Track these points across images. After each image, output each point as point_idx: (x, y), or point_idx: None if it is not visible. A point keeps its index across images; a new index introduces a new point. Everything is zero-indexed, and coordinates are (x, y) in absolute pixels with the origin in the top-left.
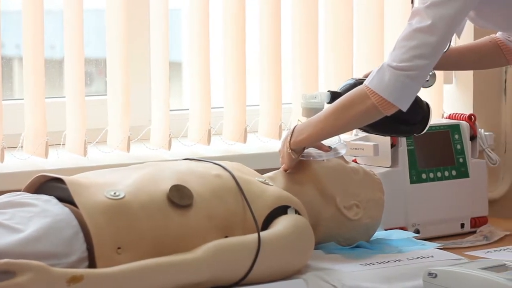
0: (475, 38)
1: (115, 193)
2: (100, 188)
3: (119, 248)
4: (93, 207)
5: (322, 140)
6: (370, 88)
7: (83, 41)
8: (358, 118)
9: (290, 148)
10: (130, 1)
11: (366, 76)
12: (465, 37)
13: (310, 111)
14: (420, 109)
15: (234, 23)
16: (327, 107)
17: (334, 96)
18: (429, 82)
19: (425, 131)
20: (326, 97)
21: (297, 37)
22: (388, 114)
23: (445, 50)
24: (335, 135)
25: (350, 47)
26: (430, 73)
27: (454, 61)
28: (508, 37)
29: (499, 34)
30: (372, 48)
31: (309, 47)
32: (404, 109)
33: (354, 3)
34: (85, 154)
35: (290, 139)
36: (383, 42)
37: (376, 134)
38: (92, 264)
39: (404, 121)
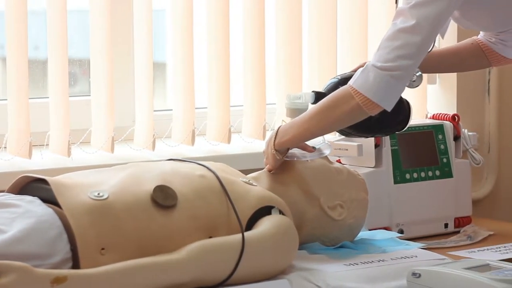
0: (458, 39)
1: (98, 194)
2: (83, 189)
3: (103, 249)
4: (76, 208)
5: (306, 141)
6: (354, 88)
7: (67, 41)
8: (342, 118)
9: (275, 149)
10: (114, 1)
11: (354, 71)
12: (448, 38)
13: (295, 111)
14: (402, 108)
15: (218, 23)
16: (311, 107)
17: (318, 96)
18: (416, 82)
19: (405, 128)
20: (310, 97)
21: (281, 38)
22: (373, 114)
23: (429, 50)
24: (320, 136)
25: (334, 47)
26: (417, 74)
27: (436, 64)
28: (490, 39)
29: (480, 36)
30: (356, 48)
31: (293, 48)
32: (389, 109)
33: (338, 3)
34: (69, 154)
35: (275, 140)
36: (367, 42)
37: (358, 136)
38: (76, 265)
39: (387, 122)
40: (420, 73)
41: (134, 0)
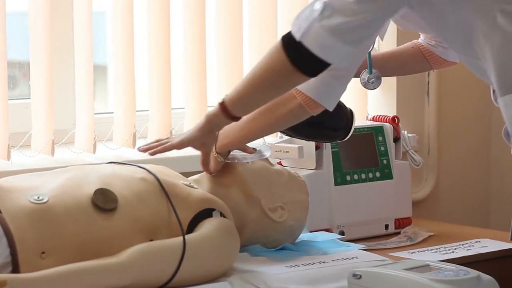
0: (398, 41)
1: (38, 197)
2: (23, 193)
3: (43, 252)
4: (16, 212)
5: (248, 143)
6: (296, 88)
7: (6, 44)
8: (284, 118)
9: (216, 152)
10: (53, 3)
11: None
12: (388, 40)
13: None
14: (344, 115)
15: (159, 25)
16: None
17: None
18: (374, 84)
19: (347, 137)
20: None
21: (222, 39)
22: (314, 114)
23: (369, 50)
24: (262, 137)
25: None
26: (376, 76)
27: (378, 68)
28: (430, 42)
29: (421, 40)
30: None
31: (234, 49)
32: (331, 108)
33: (278, 6)
34: (8, 158)
35: (216, 143)
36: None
37: (300, 139)
38: (16, 269)
39: (328, 126)
40: (378, 74)
41: (74, 2)
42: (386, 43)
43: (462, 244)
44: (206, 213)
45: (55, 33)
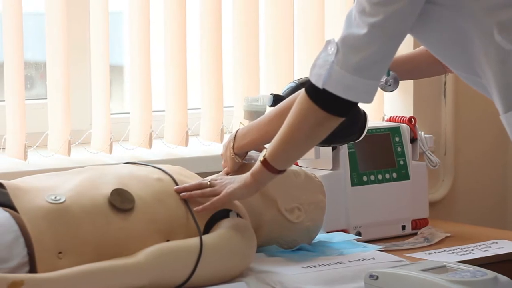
0: (414, 42)
1: (55, 198)
2: (40, 193)
3: (60, 252)
4: (33, 212)
5: (266, 144)
6: None
7: (23, 44)
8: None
9: (234, 153)
10: (70, 4)
11: None
12: (405, 42)
13: (253, 114)
14: (358, 117)
15: (175, 26)
16: (270, 110)
17: (276, 99)
18: (392, 86)
19: (361, 138)
20: (268, 100)
21: (238, 40)
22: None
23: None
24: None
25: (291, 49)
26: (393, 77)
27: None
28: None
29: None
30: (312, 50)
31: (250, 50)
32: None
33: (294, 5)
34: (25, 158)
35: (234, 144)
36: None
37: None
38: (33, 269)
39: (343, 129)
40: (396, 76)
41: (91, 2)
42: (403, 45)
43: (479, 245)
44: (222, 214)
45: (71, 33)
